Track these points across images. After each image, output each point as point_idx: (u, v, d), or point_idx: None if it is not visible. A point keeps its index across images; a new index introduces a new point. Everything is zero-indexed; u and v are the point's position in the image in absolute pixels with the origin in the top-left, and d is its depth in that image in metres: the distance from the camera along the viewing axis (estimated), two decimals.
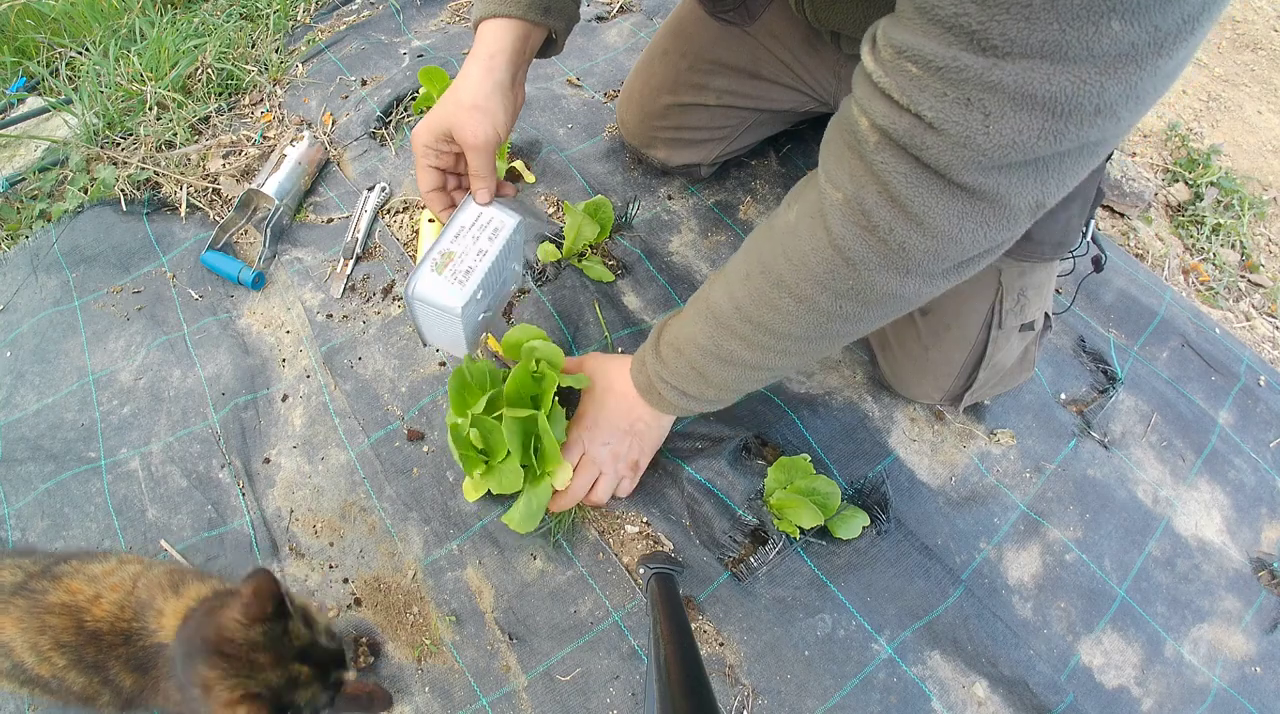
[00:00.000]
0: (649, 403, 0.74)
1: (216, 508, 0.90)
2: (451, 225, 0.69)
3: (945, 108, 0.37)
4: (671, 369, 0.68)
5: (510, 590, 0.82)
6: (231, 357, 1.01)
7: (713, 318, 0.62)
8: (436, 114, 0.67)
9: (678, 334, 0.67)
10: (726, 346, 0.62)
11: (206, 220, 1.15)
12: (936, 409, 0.95)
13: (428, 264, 0.67)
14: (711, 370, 0.64)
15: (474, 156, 0.66)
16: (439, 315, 0.69)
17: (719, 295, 0.62)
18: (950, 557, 0.85)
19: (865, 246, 0.45)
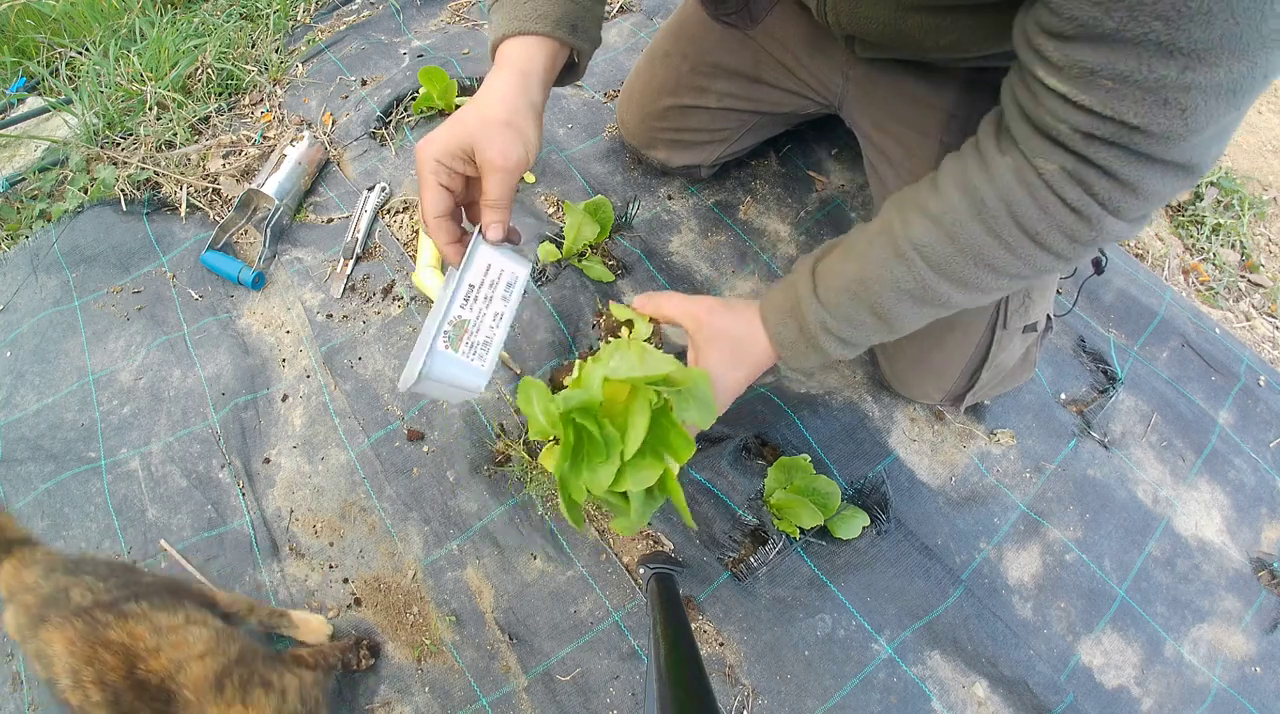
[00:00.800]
0: (786, 357, 0.65)
1: (216, 508, 0.90)
2: (459, 285, 0.58)
3: (1145, 110, 0.43)
4: (841, 314, 0.60)
5: (510, 590, 0.82)
6: (231, 356, 1.01)
7: (921, 259, 0.56)
8: (455, 128, 0.58)
9: (853, 277, 0.59)
10: (935, 289, 0.56)
11: (206, 220, 1.15)
12: (937, 409, 0.95)
13: (439, 338, 0.56)
14: (900, 312, 0.59)
15: (496, 180, 0.57)
16: (453, 391, 0.59)
17: (924, 235, 0.55)
18: (950, 557, 0.85)
19: (1083, 204, 0.50)
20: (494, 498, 0.88)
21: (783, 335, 0.64)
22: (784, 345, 0.64)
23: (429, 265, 1.03)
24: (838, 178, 1.14)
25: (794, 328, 0.63)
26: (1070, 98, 0.46)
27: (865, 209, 1.11)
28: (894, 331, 0.61)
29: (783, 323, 0.64)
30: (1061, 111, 0.47)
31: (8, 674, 0.82)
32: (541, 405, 0.55)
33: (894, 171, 0.84)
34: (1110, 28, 0.41)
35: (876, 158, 0.87)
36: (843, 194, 1.12)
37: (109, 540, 0.89)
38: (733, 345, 0.65)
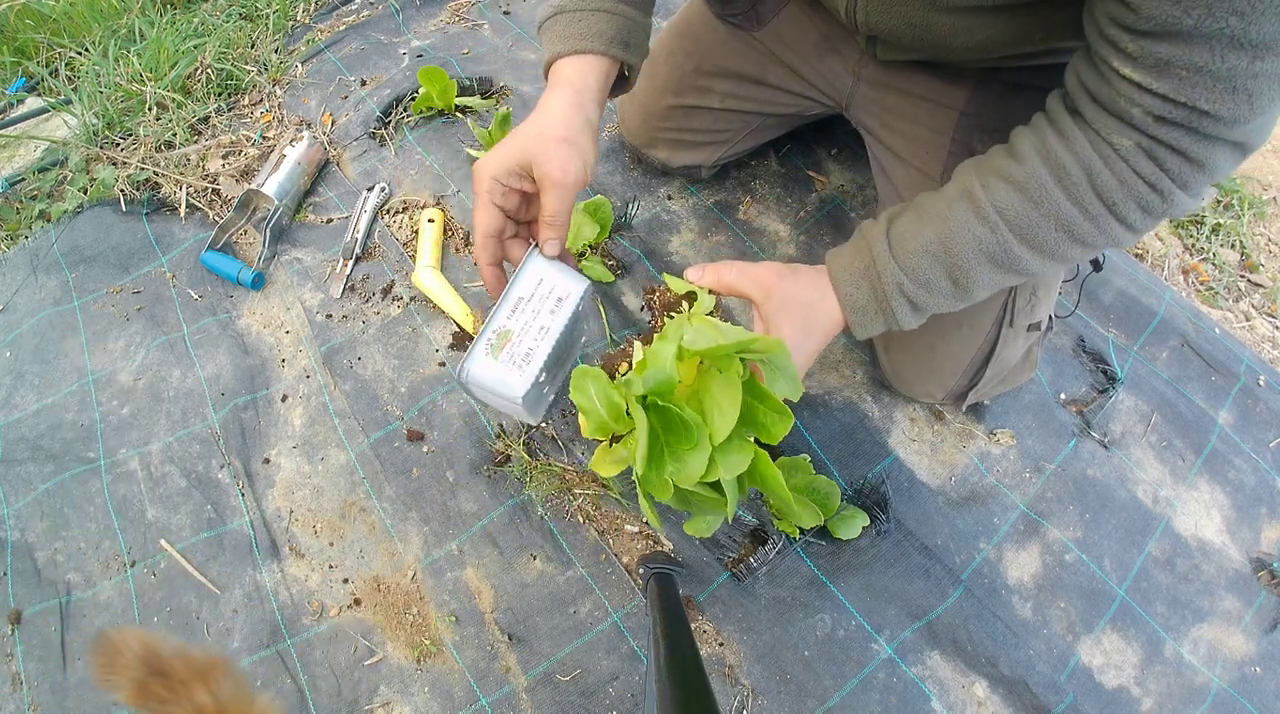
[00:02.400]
0: (854, 322, 0.63)
1: (216, 508, 0.90)
2: (508, 295, 0.60)
3: (1216, 97, 0.47)
4: (919, 277, 0.59)
5: (510, 591, 0.82)
6: (231, 357, 1.01)
7: (1004, 222, 0.56)
8: (513, 146, 0.59)
9: (934, 238, 0.58)
10: (1014, 253, 0.56)
11: (206, 220, 1.15)
12: (936, 409, 0.95)
13: (482, 344, 0.58)
14: (977, 275, 0.58)
15: (555, 196, 0.58)
16: (497, 399, 0.61)
17: (1008, 199, 0.55)
18: (950, 557, 0.85)
19: (1157, 178, 0.53)
20: (494, 498, 0.88)
21: (855, 298, 0.62)
22: (855, 309, 0.62)
23: (428, 265, 1.03)
24: (838, 178, 1.14)
25: (867, 291, 0.61)
26: (1145, 85, 0.49)
27: (865, 209, 1.11)
28: (962, 298, 0.61)
29: (855, 285, 0.62)
30: (1135, 96, 0.50)
31: (8, 674, 0.83)
32: (602, 395, 0.52)
33: (904, 169, 0.83)
34: (1188, 24, 0.44)
35: (885, 156, 0.87)
36: (843, 194, 1.12)
37: (108, 540, 0.89)
38: (804, 312, 0.62)
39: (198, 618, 0.84)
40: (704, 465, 0.49)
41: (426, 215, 1.09)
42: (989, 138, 0.76)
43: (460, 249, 1.09)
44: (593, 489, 0.88)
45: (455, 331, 1.01)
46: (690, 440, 0.49)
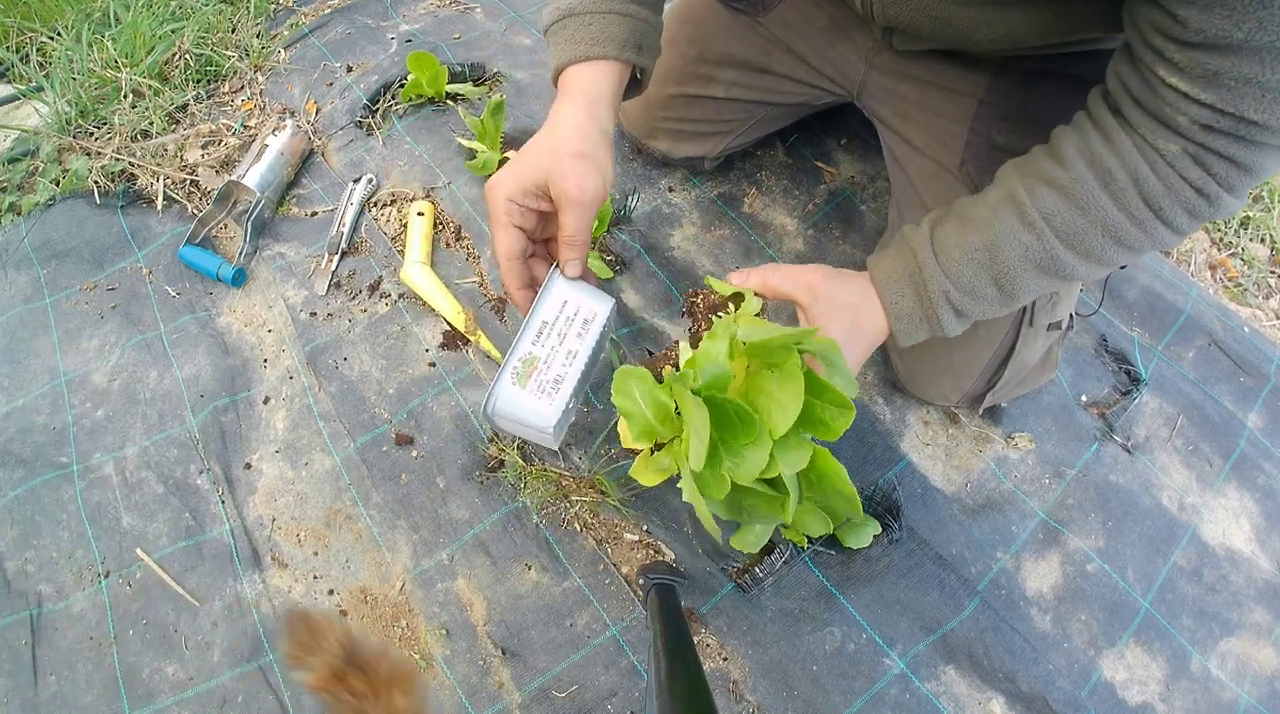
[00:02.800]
0: (899, 330, 0.64)
1: (195, 515, 0.90)
2: (531, 321, 0.60)
3: (1264, 107, 0.48)
4: (964, 284, 0.60)
5: (503, 603, 0.82)
6: (210, 357, 1.01)
7: (1050, 229, 0.57)
8: (527, 164, 0.59)
9: (979, 245, 0.59)
10: (1061, 260, 0.58)
11: (184, 214, 1.15)
12: (952, 412, 0.95)
13: (507, 374, 0.58)
14: (1023, 282, 0.59)
15: (574, 215, 0.58)
16: (524, 429, 0.61)
17: (1053, 205, 0.57)
18: (965, 567, 0.85)
19: (1204, 183, 0.54)
20: (486, 506, 0.87)
21: (900, 306, 0.63)
22: (899, 317, 0.64)
23: (418, 261, 1.03)
24: (848, 169, 1.14)
25: (912, 298, 0.63)
26: (1192, 95, 0.50)
27: (876, 201, 1.10)
28: (1008, 305, 0.62)
29: (900, 292, 0.63)
30: (1181, 105, 0.51)
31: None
32: (648, 396, 0.52)
33: (919, 160, 0.83)
34: (1239, 38, 0.46)
35: (899, 147, 0.87)
36: (853, 186, 1.12)
37: (82, 550, 0.89)
38: (852, 315, 0.63)
39: (175, 631, 0.84)
40: (764, 460, 0.49)
41: (416, 208, 1.08)
42: (1009, 127, 0.76)
43: (451, 243, 1.09)
44: (590, 496, 0.87)
45: (446, 330, 1.01)
46: (750, 434, 0.49)
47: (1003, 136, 0.76)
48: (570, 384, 0.59)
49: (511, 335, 0.99)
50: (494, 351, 0.97)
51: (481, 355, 0.98)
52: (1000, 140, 0.77)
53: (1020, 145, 0.70)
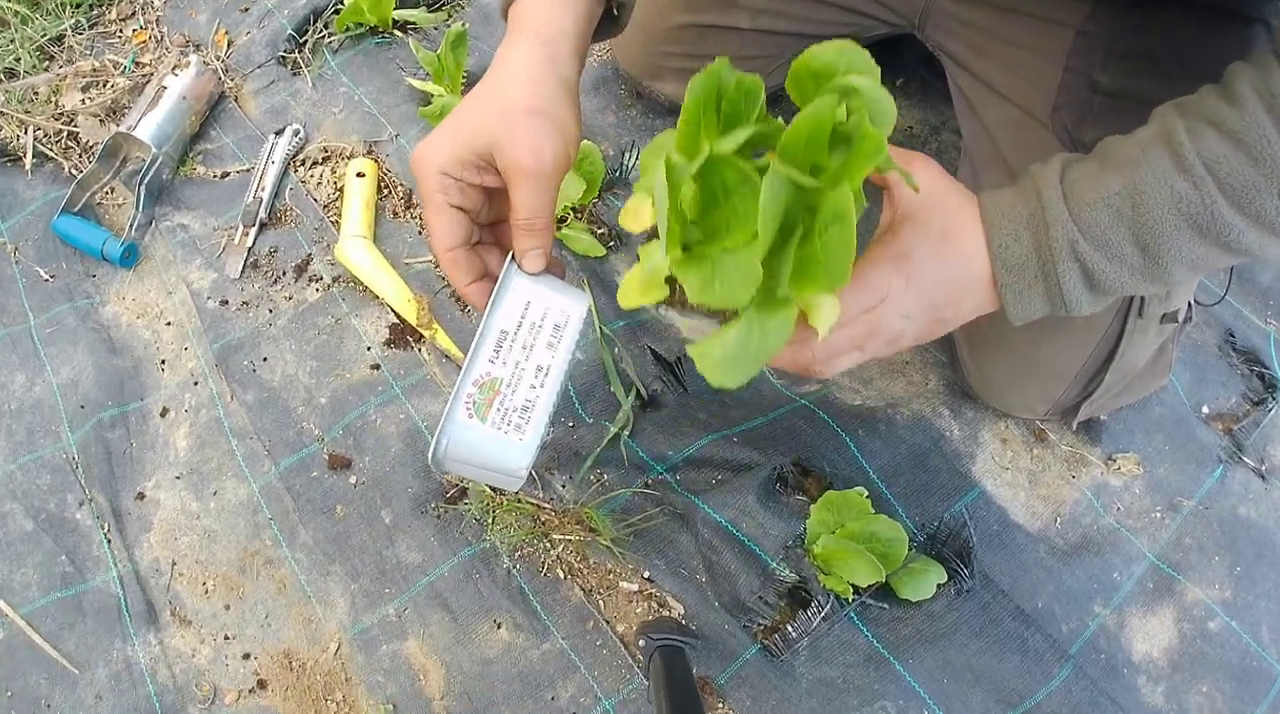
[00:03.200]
0: (1005, 287, 0.60)
1: (73, 559, 0.89)
2: (486, 331, 0.57)
3: None
4: (1097, 236, 0.58)
5: (466, 669, 0.82)
6: (93, 357, 1.00)
7: (1212, 178, 0.55)
8: (463, 127, 0.56)
9: (1119, 188, 0.57)
10: (1225, 219, 0.55)
11: (59, 175, 1.15)
12: (1037, 426, 0.95)
13: (460, 404, 0.56)
14: (1175, 245, 0.57)
15: (529, 190, 0.56)
16: (487, 473, 0.59)
17: (1219, 151, 0.55)
18: (1054, 624, 0.85)
19: None
20: (444, 546, 0.87)
21: (1011, 252, 0.59)
22: (1009, 266, 0.59)
23: (357, 234, 1.03)
24: (905, 117, 1.13)
25: (1028, 244, 0.59)
26: None
27: (943, 156, 1.10)
28: (1153, 276, 0.59)
29: (1013, 233, 0.59)
30: None
31: None
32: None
33: (1000, 106, 0.83)
34: None
35: (973, 89, 0.86)
36: (912, 139, 1.12)
37: None
38: (940, 235, 0.60)
39: (48, 706, 0.83)
40: None
41: (355, 168, 1.08)
42: (1117, 65, 0.76)
43: (399, 212, 1.08)
44: (576, 534, 0.87)
45: (393, 323, 1.00)
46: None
47: (1108, 76, 0.76)
48: (543, 410, 0.57)
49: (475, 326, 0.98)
50: (454, 350, 0.97)
51: (438, 354, 0.98)
52: (1105, 81, 0.76)
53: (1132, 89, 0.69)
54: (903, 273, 0.59)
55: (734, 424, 0.92)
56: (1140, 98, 0.71)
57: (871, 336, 0.61)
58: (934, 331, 0.63)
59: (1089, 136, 0.76)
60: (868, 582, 0.81)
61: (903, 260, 0.59)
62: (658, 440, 0.91)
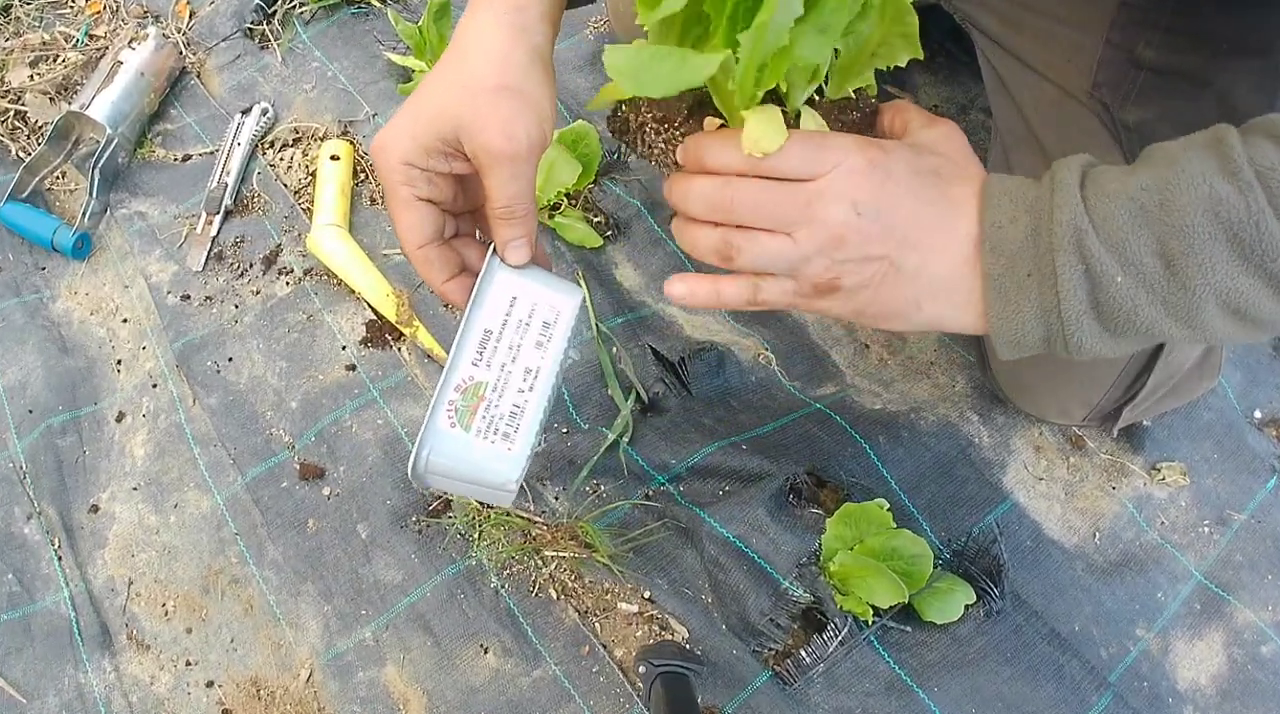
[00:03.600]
0: (992, 276, 0.56)
1: (20, 578, 0.89)
2: (467, 331, 0.57)
3: None
4: (1112, 232, 0.53)
5: (449, 699, 0.82)
6: (43, 357, 1.00)
7: (1262, 187, 0.50)
8: (426, 107, 0.56)
9: (1146, 183, 0.53)
10: (1273, 237, 0.50)
11: (6, 158, 1.14)
12: (1074, 433, 0.95)
13: (442, 412, 0.56)
14: (1203, 258, 0.51)
15: (504, 176, 0.55)
16: (472, 487, 0.59)
17: (1276, 158, 0.50)
18: (1093, 648, 0.85)
19: None
20: (426, 564, 0.87)
21: (1004, 234, 0.55)
22: (999, 250, 0.55)
23: (331, 223, 1.03)
24: (929, 95, 1.13)
25: (1025, 227, 0.55)
26: None
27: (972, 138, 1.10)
28: (1177, 306, 0.53)
29: (1010, 214, 0.55)
30: None
31: None
32: None
33: (1034, 84, 0.83)
34: None
35: (1005, 64, 0.86)
36: None
37: None
38: (933, 171, 0.58)
39: None
40: None
41: (328, 150, 1.08)
42: (1163, 39, 0.75)
43: (377, 199, 1.08)
44: (571, 550, 0.87)
45: (370, 320, 1.00)
46: None
47: (1153, 51, 0.76)
48: (533, 417, 0.57)
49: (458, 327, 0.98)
50: (437, 349, 0.97)
51: (420, 354, 0.98)
52: (1149, 57, 0.76)
53: (1179, 65, 0.68)
54: (870, 156, 0.56)
55: (742, 430, 0.92)
56: (1188, 74, 0.71)
57: (806, 211, 0.55)
58: (883, 276, 0.57)
59: (1132, 117, 0.75)
60: (889, 602, 0.80)
61: (878, 151, 0.56)
62: (659, 448, 0.91)
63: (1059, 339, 0.55)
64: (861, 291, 0.57)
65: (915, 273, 0.56)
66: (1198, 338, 0.55)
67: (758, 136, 0.53)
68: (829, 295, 0.58)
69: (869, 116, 0.63)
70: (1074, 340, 0.55)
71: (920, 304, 0.58)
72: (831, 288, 0.57)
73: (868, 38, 0.57)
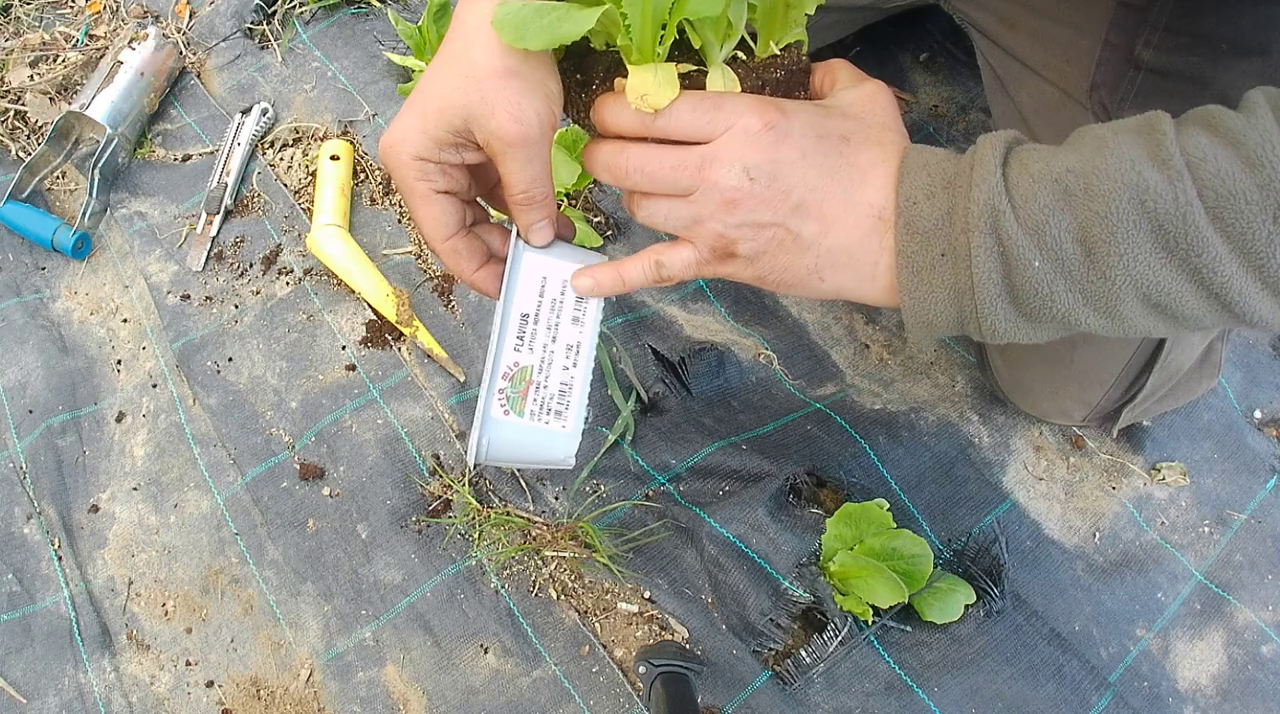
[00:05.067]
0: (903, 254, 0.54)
1: (20, 578, 0.89)
2: (506, 318, 0.58)
3: None
4: (1032, 214, 0.51)
5: (449, 699, 0.82)
6: (43, 357, 1.00)
7: (1192, 178, 0.48)
8: (432, 101, 0.55)
9: (1071, 165, 0.51)
10: (1199, 234, 0.48)
11: (6, 158, 1.15)
12: (1074, 433, 0.95)
13: (494, 401, 0.58)
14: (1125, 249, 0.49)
15: (519, 160, 0.55)
16: (536, 465, 0.62)
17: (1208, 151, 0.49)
18: (1093, 648, 0.85)
19: None
20: (426, 564, 0.87)
21: (919, 210, 0.53)
22: (912, 228, 0.53)
23: (331, 223, 1.03)
24: (929, 95, 1.13)
25: (942, 205, 0.53)
26: None
27: (968, 139, 1.10)
28: (1096, 296, 0.51)
29: (926, 189, 0.54)
30: None
31: None
32: None
33: (1033, 84, 0.83)
34: None
35: (1004, 64, 0.86)
36: (936, 118, 1.12)
37: None
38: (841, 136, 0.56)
39: None
40: None
41: (328, 150, 1.08)
42: (1163, 40, 0.75)
43: (378, 199, 1.08)
44: (571, 550, 0.87)
45: (370, 320, 1.00)
46: None
47: (1151, 52, 0.76)
48: (581, 391, 0.59)
49: (460, 323, 0.98)
50: (437, 348, 0.97)
51: (420, 354, 0.98)
52: (1147, 57, 0.76)
53: (1178, 66, 0.68)
54: (767, 118, 0.54)
55: (743, 430, 0.92)
56: (1187, 75, 0.71)
57: (697, 175, 0.54)
58: (778, 243, 0.56)
59: None
60: (889, 602, 0.80)
61: (776, 113, 0.54)
62: (659, 448, 0.91)
63: (972, 322, 0.54)
64: (761, 258, 0.56)
65: (813, 241, 0.55)
66: (1117, 330, 0.53)
67: (643, 90, 0.53)
68: (729, 261, 0.57)
69: (796, 74, 0.61)
70: (987, 324, 0.53)
71: (821, 274, 0.57)
72: (729, 253, 0.57)
73: None
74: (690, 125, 0.54)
